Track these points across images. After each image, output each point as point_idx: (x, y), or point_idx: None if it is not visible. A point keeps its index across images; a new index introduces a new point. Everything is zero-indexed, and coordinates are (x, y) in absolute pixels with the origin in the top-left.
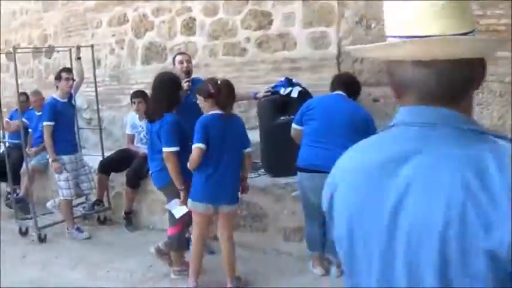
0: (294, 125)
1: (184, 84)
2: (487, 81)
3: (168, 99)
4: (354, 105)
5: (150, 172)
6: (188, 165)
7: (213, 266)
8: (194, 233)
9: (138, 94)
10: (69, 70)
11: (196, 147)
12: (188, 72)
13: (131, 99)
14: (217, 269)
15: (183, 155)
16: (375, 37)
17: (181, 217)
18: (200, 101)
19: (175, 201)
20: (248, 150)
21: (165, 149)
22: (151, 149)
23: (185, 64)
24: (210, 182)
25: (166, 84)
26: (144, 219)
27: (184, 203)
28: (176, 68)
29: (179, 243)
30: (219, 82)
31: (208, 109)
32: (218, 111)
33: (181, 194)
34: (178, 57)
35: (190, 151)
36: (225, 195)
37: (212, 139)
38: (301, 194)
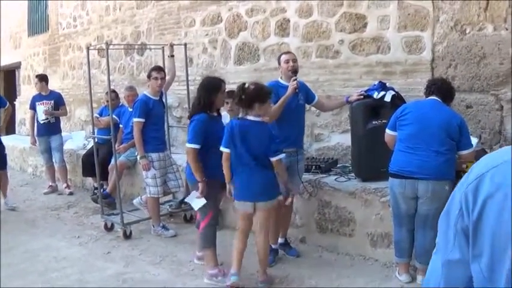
0: (387, 130)
1: (293, 83)
2: None
3: (203, 100)
4: (449, 111)
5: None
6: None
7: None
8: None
9: (231, 94)
10: (159, 69)
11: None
12: (295, 71)
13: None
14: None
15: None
16: (470, 42)
17: (205, 210)
18: (232, 104)
19: (194, 193)
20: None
21: (187, 144)
22: None
23: (291, 63)
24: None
25: (204, 86)
26: (230, 218)
27: (203, 195)
28: (282, 67)
29: (207, 239)
30: (246, 86)
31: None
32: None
33: (200, 186)
34: (284, 57)
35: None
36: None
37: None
38: (392, 200)
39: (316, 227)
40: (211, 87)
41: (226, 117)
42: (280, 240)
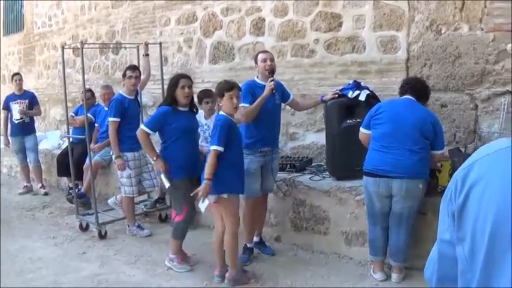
0: (361, 129)
1: (270, 83)
2: None
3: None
4: (423, 110)
5: None
6: None
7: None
8: None
9: (211, 93)
10: (134, 68)
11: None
12: (272, 71)
13: (200, 99)
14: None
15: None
16: (445, 42)
17: (179, 207)
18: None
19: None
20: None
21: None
22: None
23: (268, 62)
24: None
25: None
26: (204, 218)
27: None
28: (259, 66)
29: (177, 232)
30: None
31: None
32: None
33: (155, 164)
34: (261, 56)
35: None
36: None
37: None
38: (366, 198)
39: (291, 226)
40: (171, 83)
41: (200, 116)
42: (255, 239)
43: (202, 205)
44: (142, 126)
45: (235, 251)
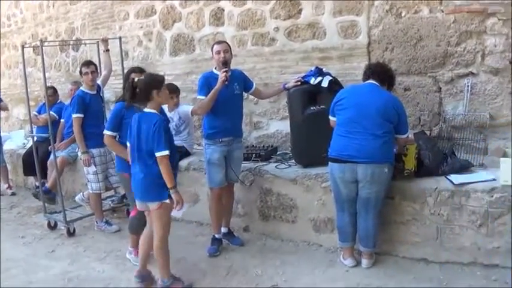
0: (330, 117)
1: (222, 75)
2: None
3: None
4: (386, 94)
5: None
6: None
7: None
8: None
9: (176, 88)
10: (89, 63)
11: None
12: (225, 63)
13: None
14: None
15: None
16: (406, 25)
17: (133, 203)
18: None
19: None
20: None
21: None
22: None
23: (222, 54)
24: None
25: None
26: (190, 215)
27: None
28: (214, 58)
29: (132, 227)
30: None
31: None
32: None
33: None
34: (216, 47)
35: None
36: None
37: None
38: (332, 185)
39: (258, 215)
40: (124, 78)
41: (163, 108)
42: (223, 229)
43: (178, 213)
44: (105, 131)
45: (165, 257)
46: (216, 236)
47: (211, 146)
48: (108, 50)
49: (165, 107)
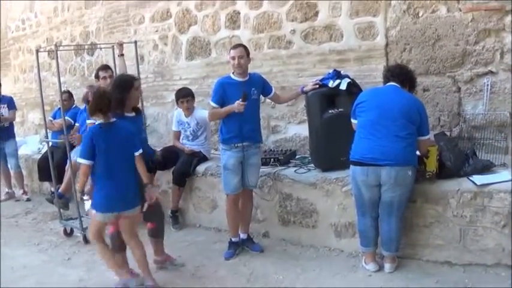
0: (352, 119)
1: (240, 107)
2: None
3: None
4: (408, 96)
5: None
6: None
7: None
8: None
9: (186, 93)
10: (106, 68)
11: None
12: (245, 99)
13: (178, 99)
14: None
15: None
16: (423, 25)
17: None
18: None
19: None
20: (137, 153)
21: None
22: None
23: (236, 60)
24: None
25: (116, 84)
26: (190, 217)
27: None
28: (230, 63)
29: (112, 243)
30: (102, 91)
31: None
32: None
33: None
34: (231, 52)
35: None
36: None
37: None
38: (354, 188)
39: (278, 221)
40: (123, 85)
41: (180, 114)
42: (242, 235)
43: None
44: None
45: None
46: (233, 239)
47: (227, 151)
48: (123, 55)
49: (182, 113)
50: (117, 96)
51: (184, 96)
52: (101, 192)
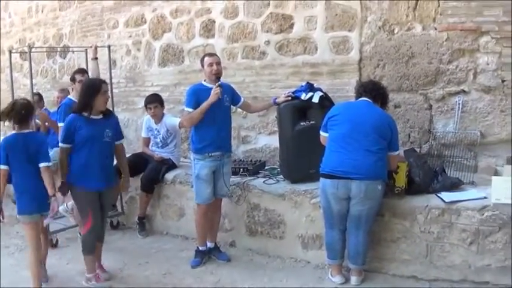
0: (321, 132)
1: (216, 90)
2: (510, 88)
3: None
4: (380, 111)
5: None
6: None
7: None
8: None
9: (153, 99)
10: (83, 71)
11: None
12: (219, 77)
13: (145, 104)
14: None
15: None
16: (398, 42)
17: (83, 220)
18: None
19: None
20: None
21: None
22: None
23: (215, 67)
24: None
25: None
26: (158, 224)
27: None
28: (205, 70)
29: (84, 245)
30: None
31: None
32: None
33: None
34: (208, 59)
35: None
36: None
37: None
38: (323, 201)
39: (246, 231)
40: (91, 89)
41: (150, 121)
42: (209, 244)
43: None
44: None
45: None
46: (200, 248)
47: (201, 161)
48: (96, 58)
49: (151, 119)
50: (83, 99)
51: (151, 102)
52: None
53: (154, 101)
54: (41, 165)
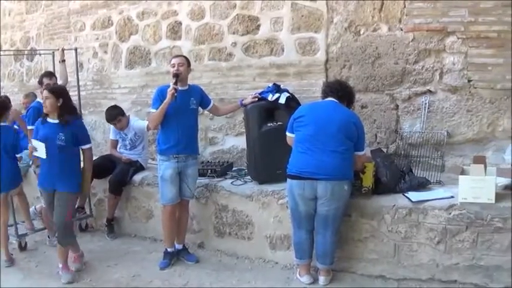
0: (287, 133)
1: (170, 88)
2: (476, 88)
3: None
4: (346, 112)
5: None
6: None
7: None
8: None
9: (113, 116)
10: (50, 75)
11: None
12: (176, 76)
13: (108, 122)
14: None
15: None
16: (364, 43)
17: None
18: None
19: None
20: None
21: None
22: None
23: (175, 67)
24: None
25: None
26: (126, 226)
27: None
28: (171, 71)
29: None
30: None
31: None
32: None
33: None
34: (172, 60)
35: None
36: None
37: None
38: (290, 201)
39: (214, 232)
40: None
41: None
42: (177, 246)
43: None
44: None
45: None
46: (169, 250)
47: (165, 162)
48: (64, 61)
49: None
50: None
51: (112, 119)
52: None
53: (115, 117)
54: None
